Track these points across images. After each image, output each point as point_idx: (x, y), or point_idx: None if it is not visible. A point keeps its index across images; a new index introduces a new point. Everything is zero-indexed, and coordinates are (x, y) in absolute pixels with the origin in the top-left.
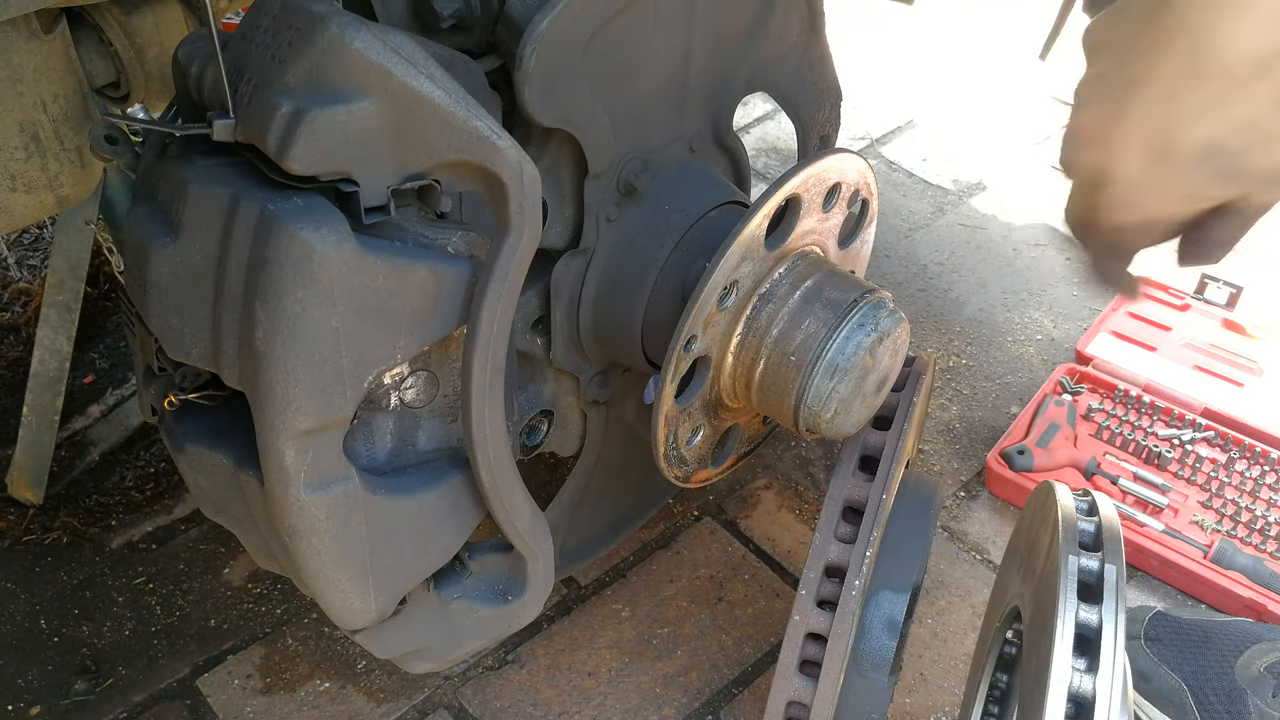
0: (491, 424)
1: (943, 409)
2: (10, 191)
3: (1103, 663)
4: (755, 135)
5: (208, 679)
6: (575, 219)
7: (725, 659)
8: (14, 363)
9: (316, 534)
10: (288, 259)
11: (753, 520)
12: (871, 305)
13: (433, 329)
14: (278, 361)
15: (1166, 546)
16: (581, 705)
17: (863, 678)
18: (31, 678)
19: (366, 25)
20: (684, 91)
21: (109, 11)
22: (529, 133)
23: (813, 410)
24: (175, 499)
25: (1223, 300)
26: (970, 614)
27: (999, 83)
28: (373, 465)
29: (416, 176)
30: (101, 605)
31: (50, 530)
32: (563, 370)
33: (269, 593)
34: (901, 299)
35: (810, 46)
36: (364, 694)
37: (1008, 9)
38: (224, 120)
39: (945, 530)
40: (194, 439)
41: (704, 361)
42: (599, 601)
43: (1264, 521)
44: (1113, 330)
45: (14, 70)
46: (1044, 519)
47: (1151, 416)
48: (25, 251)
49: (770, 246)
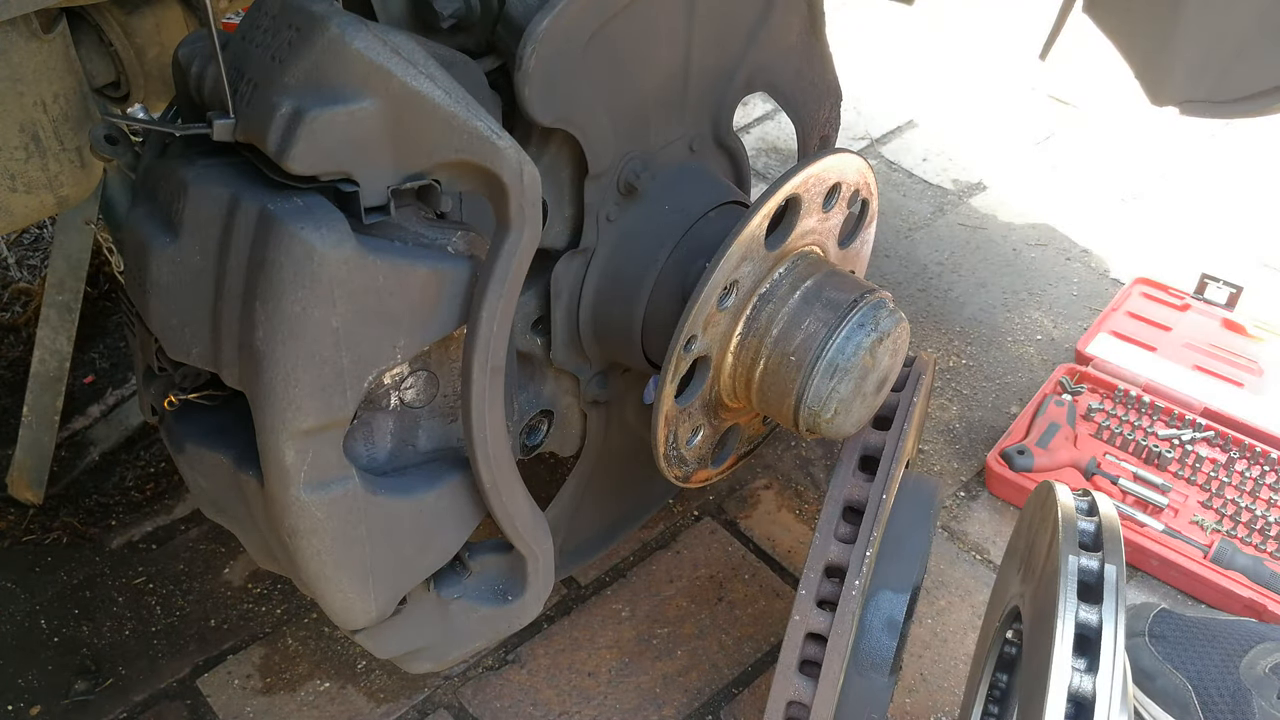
0: (491, 424)
1: (943, 409)
2: (10, 191)
3: (1103, 663)
4: (755, 135)
5: (208, 679)
6: (575, 219)
7: (725, 659)
8: (14, 363)
9: (316, 534)
10: (288, 259)
11: (753, 520)
12: (871, 305)
13: (433, 329)
14: (278, 361)
15: (1166, 546)
16: (581, 705)
17: (863, 678)
18: (31, 678)
19: (366, 25)
20: (684, 91)
21: (109, 11)
22: (529, 133)
23: (813, 410)
24: (175, 499)
25: (1223, 300)
26: (970, 614)
27: (999, 83)
28: (373, 465)
29: (416, 176)
30: (101, 605)
31: (50, 530)
32: (563, 370)
33: (269, 593)
34: (901, 299)
35: (810, 46)
36: (364, 694)
37: (1008, 9)
38: (224, 120)
39: (945, 530)
40: (194, 439)
41: (704, 361)
42: (599, 601)
43: (1264, 521)
44: (1113, 330)
45: (14, 70)
46: (1044, 519)
47: (1151, 416)
48: (25, 251)
49: (770, 246)
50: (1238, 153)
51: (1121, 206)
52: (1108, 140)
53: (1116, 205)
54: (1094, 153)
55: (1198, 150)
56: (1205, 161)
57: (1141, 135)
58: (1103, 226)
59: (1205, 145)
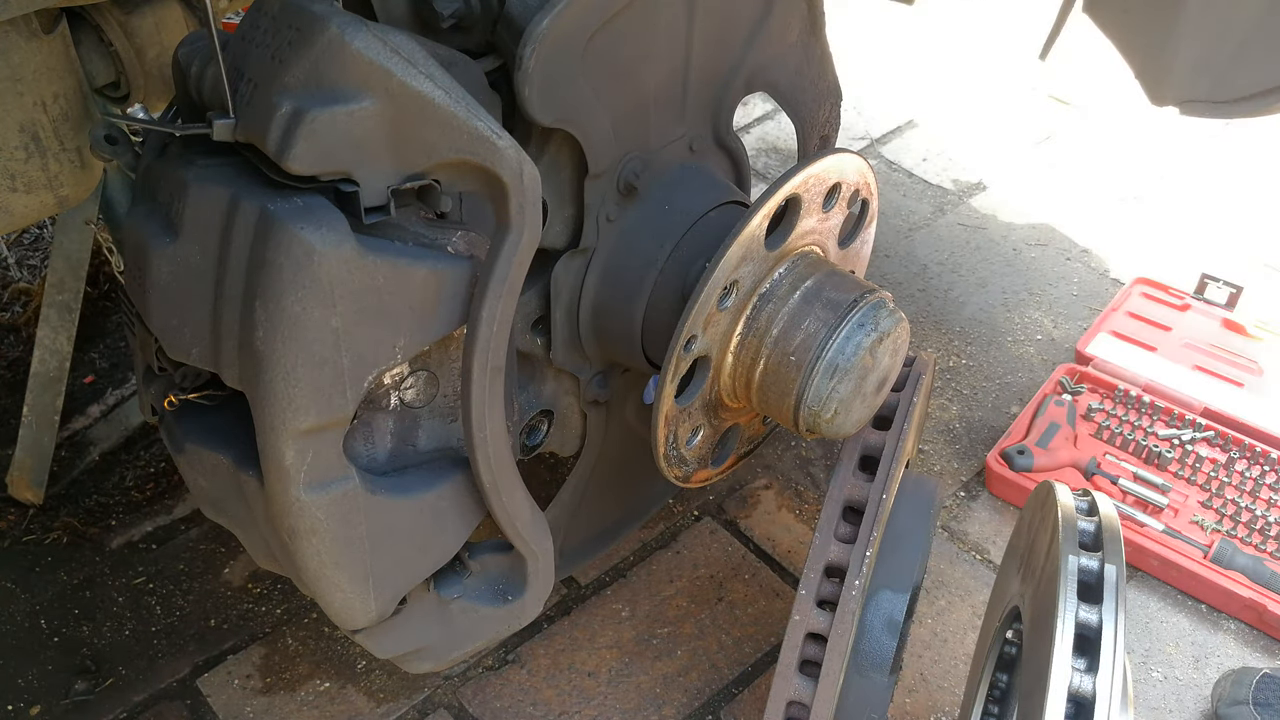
0: (491, 424)
1: (943, 409)
2: (10, 191)
3: (1103, 663)
4: (755, 135)
5: (208, 679)
6: (575, 219)
7: (725, 659)
8: (14, 363)
9: (316, 534)
10: (288, 259)
11: (753, 520)
12: (871, 305)
13: (433, 329)
14: (278, 362)
15: (1167, 546)
16: (581, 705)
17: (863, 678)
18: (31, 678)
19: (366, 25)
20: (684, 91)
21: (109, 11)
22: (529, 133)
23: (813, 410)
24: (175, 499)
25: (1223, 300)
26: (970, 614)
27: (999, 83)
28: (373, 465)
29: (416, 176)
30: (101, 605)
31: (50, 530)
32: (563, 370)
33: (269, 593)
34: (901, 299)
35: (810, 46)
36: (364, 694)
37: (1008, 9)
38: (224, 120)
39: (945, 530)
40: (194, 439)
41: (704, 361)
42: (599, 601)
43: (1264, 521)
44: (1113, 330)
45: (14, 70)
46: (1044, 519)
47: (1151, 416)
48: (25, 251)
49: (770, 246)
50: (1238, 153)
51: (1121, 206)
52: (1108, 140)
53: (1116, 205)
54: (1094, 153)
55: (1198, 150)
56: (1205, 161)
57: (1141, 135)
58: (1103, 226)
59: (1205, 145)
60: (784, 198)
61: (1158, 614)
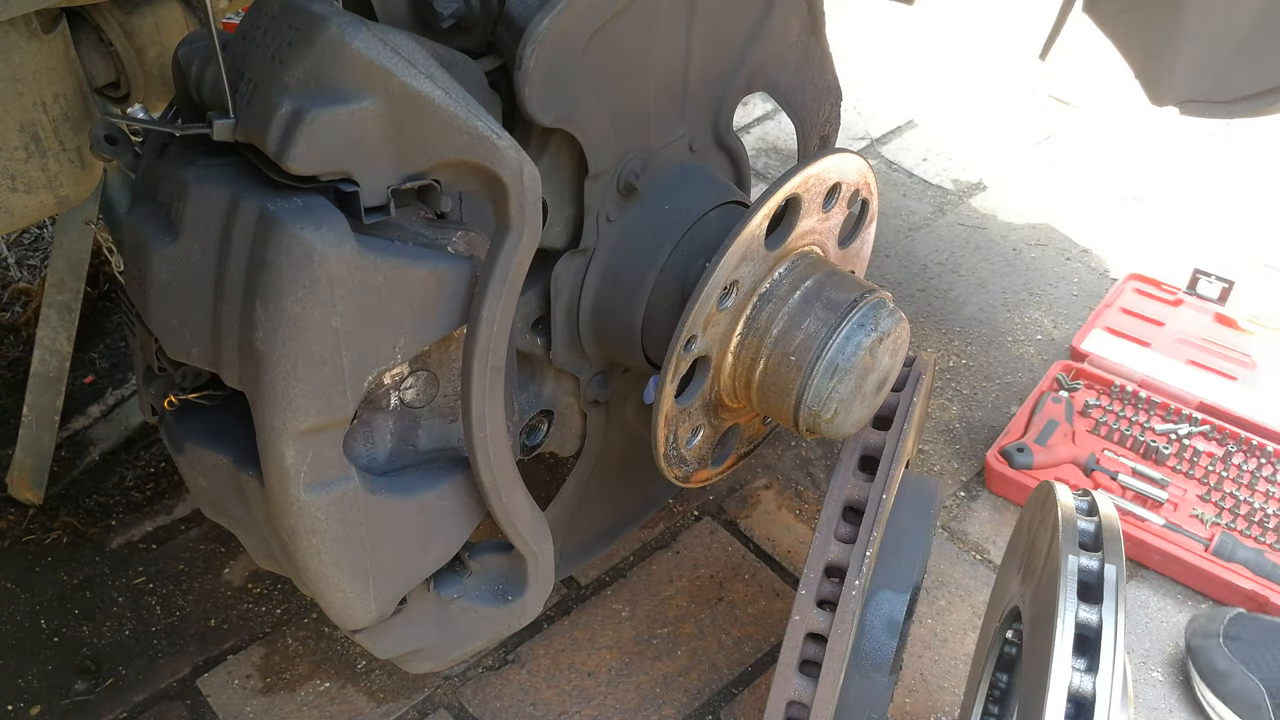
0: (491, 424)
1: (943, 409)
2: (10, 191)
3: (1103, 663)
4: (755, 135)
5: (208, 679)
6: (575, 219)
7: (725, 659)
8: (14, 363)
9: (316, 534)
10: (288, 259)
11: (753, 520)
12: (871, 305)
13: (433, 329)
14: (278, 361)
15: (1168, 541)
16: (581, 705)
17: (863, 678)
18: (31, 678)
19: (366, 25)
20: (684, 91)
21: (109, 11)
22: (529, 133)
23: (813, 410)
24: (175, 499)
25: (1214, 295)
26: (970, 614)
27: (999, 83)
28: (373, 465)
29: (416, 176)
30: (101, 605)
31: (50, 530)
32: (563, 370)
33: (269, 593)
34: (901, 299)
35: (810, 46)
36: (364, 694)
37: (1008, 9)
38: (224, 120)
39: (945, 530)
40: (194, 439)
41: (704, 361)
42: (599, 601)
43: (1263, 514)
44: (1107, 326)
45: (14, 70)
46: (1044, 519)
47: (1148, 411)
48: (25, 251)
49: (770, 246)
50: (1238, 153)
51: (1121, 206)
52: (1107, 140)
53: (1116, 205)
54: (1094, 153)
55: (1198, 150)
56: (1205, 161)
57: (1141, 135)
58: (1103, 226)
59: (1205, 145)
60: (784, 198)
61: (1158, 613)
